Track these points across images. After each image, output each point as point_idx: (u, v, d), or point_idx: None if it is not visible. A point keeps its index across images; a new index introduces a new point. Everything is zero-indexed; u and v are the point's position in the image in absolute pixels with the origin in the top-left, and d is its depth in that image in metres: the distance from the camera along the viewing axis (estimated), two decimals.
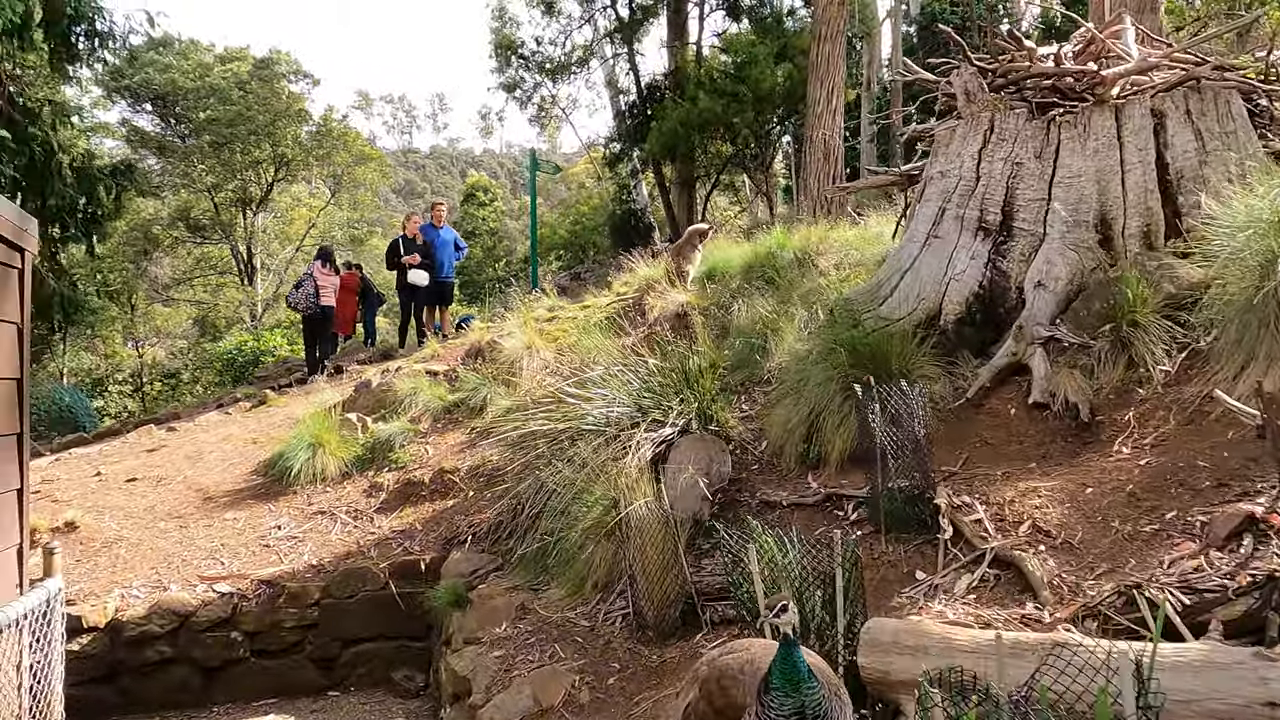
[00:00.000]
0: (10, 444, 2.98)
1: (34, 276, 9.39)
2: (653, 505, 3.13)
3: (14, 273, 3.01)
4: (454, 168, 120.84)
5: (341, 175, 33.74)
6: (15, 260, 3.00)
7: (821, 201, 12.54)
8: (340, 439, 6.45)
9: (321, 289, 10.11)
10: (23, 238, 3.04)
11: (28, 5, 9.98)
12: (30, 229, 3.11)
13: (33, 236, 3.13)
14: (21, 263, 3.05)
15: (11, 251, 2.97)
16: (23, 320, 3.04)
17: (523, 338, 7.21)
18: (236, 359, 21.67)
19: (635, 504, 3.19)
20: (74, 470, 7.06)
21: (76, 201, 11.97)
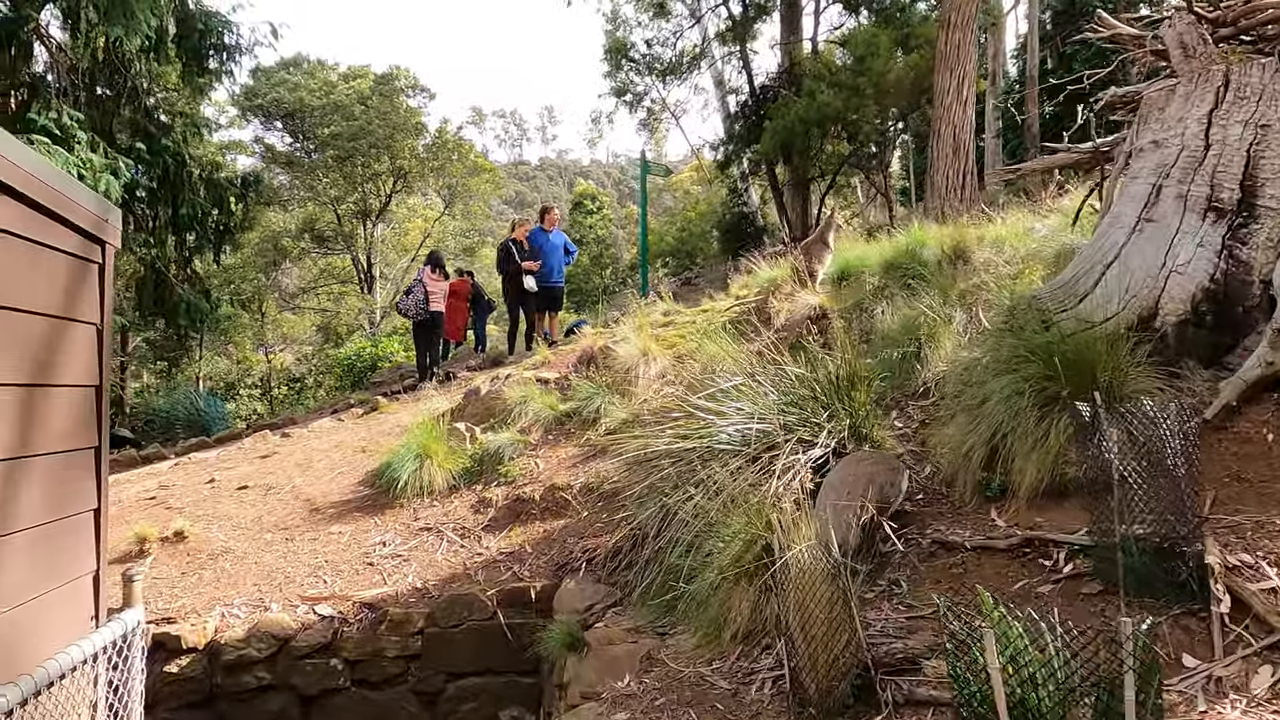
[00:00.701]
0: (87, 459, 2.65)
1: (163, 284, 9.65)
2: (816, 550, 2.51)
3: (93, 268, 2.69)
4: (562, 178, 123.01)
5: (456, 186, 34.55)
6: (94, 254, 2.69)
7: (950, 199, 11.57)
8: (448, 450, 6.11)
9: (431, 295, 9.95)
10: (103, 230, 2.72)
11: (161, 21, 10.31)
12: (113, 220, 2.80)
13: (115, 229, 2.81)
14: (102, 257, 2.74)
15: (90, 245, 2.65)
16: (103, 321, 2.72)
17: (638, 344, 6.70)
18: (355, 364, 22.31)
19: (795, 548, 2.57)
20: (191, 476, 7.03)
21: (208, 211, 12.35)
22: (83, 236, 2.61)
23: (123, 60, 10.63)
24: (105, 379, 2.74)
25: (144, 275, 12.77)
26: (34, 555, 2.37)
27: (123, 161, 9.97)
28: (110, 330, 2.79)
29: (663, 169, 17.31)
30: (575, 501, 5.29)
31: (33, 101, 9.96)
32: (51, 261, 2.45)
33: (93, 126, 10.19)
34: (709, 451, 3.79)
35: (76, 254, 2.58)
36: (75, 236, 2.57)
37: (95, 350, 2.70)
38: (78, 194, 2.55)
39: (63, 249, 2.50)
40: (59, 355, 2.47)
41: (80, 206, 2.56)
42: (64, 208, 2.47)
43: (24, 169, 2.28)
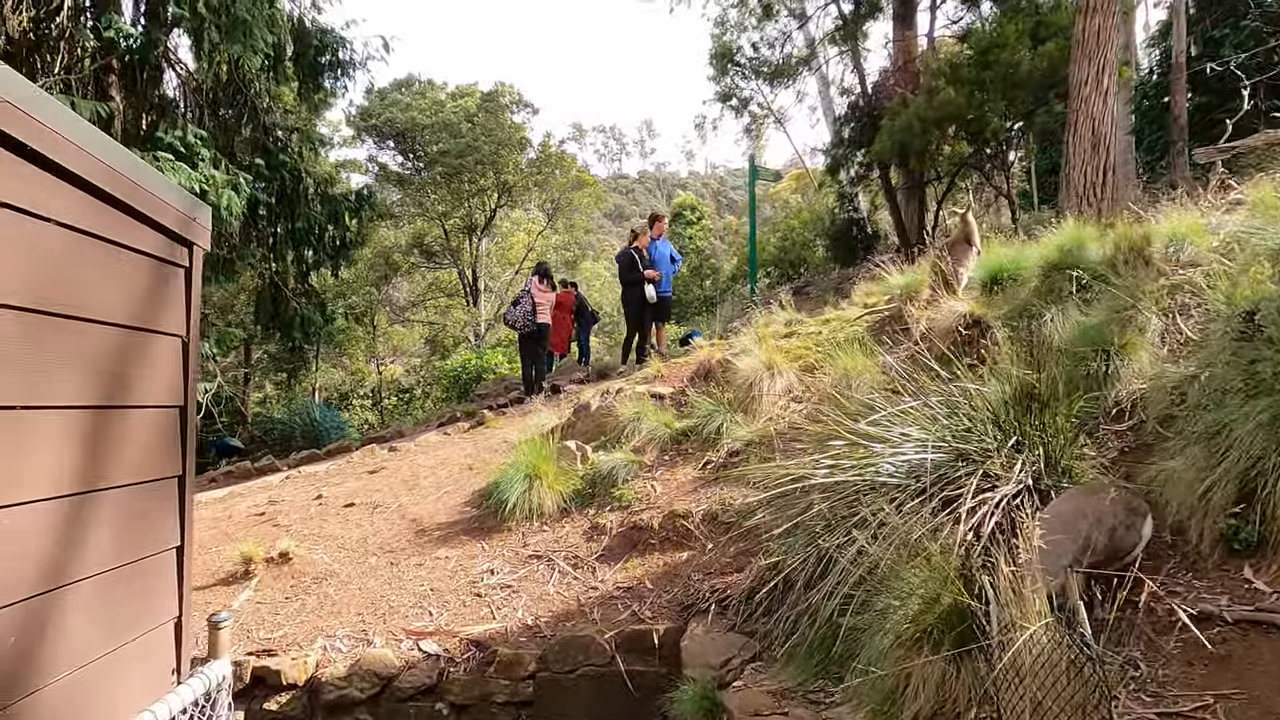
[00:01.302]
0: (168, 491, 2.32)
1: (280, 298, 9.74)
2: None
3: (179, 273, 2.37)
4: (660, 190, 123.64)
5: (558, 200, 34.91)
6: (180, 257, 2.37)
7: (1088, 197, 10.49)
8: (558, 470, 5.71)
9: (538, 306, 9.68)
10: (191, 229, 2.40)
11: (279, 39, 10.52)
12: (202, 219, 2.47)
13: (205, 229, 2.49)
14: (189, 260, 2.41)
15: (174, 246, 2.33)
16: (189, 333, 2.40)
17: (761, 356, 6.13)
18: (461, 376, 22.62)
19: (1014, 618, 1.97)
20: (300, 491, 6.91)
21: (323, 226, 12.56)
22: (166, 237, 2.29)
23: (243, 80, 10.90)
24: (191, 398, 2.41)
25: (262, 289, 13.11)
26: (105, 605, 2.04)
27: (242, 177, 10.17)
28: (197, 344, 2.46)
29: (771, 174, 16.66)
30: (698, 531, 4.76)
31: (160, 121, 10.30)
32: (129, 265, 2.12)
33: (215, 144, 10.47)
34: (868, 485, 3.19)
35: (159, 256, 2.26)
36: (157, 236, 2.24)
37: (180, 366, 2.37)
38: (160, 188, 2.23)
39: (143, 250, 2.17)
40: (137, 372, 2.15)
41: (164, 203, 2.23)
42: (144, 203, 2.14)
43: (96, 157, 1.95)
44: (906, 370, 4.52)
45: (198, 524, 6.14)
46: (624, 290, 10.33)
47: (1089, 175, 11.10)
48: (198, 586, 4.94)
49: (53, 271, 1.85)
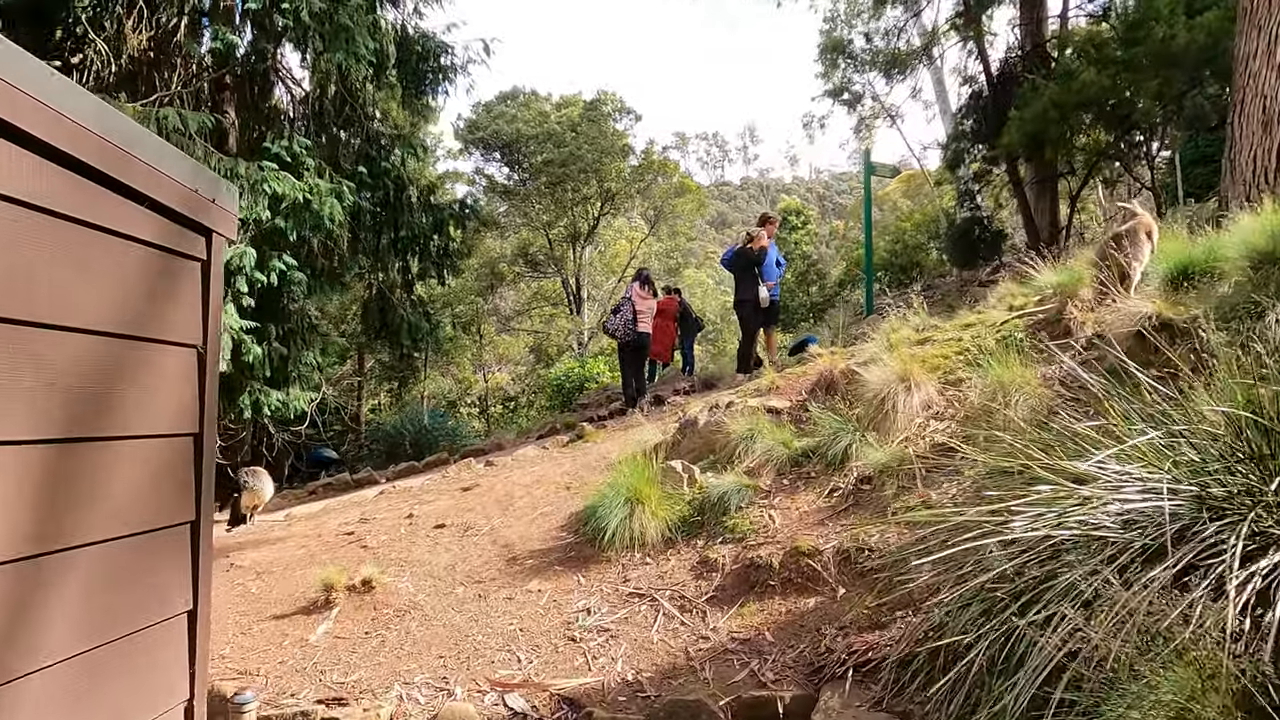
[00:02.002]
0: (175, 541, 1.84)
1: (387, 306, 9.57)
2: None
3: (191, 268, 1.89)
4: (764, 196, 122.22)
5: (661, 207, 34.60)
6: (193, 247, 1.89)
7: (1259, 183, 9.08)
8: (662, 494, 5.10)
9: (639, 314, 9.14)
10: (207, 213, 1.92)
11: (381, 46, 10.44)
12: (224, 201, 1.99)
13: (229, 213, 2.01)
14: (207, 252, 1.94)
15: (185, 234, 1.85)
16: (206, 342, 1.92)
17: (894, 366, 5.33)
18: (564, 385, 22.50)
19: None
20: (392, 508, 6.58)
21: (427, 235, 12.46)
22: (172, 221, 1.81)
23: (349, 89, 10.89)
24: (210, 423, 1.92)
25: (369, 298, 13.15)
26: (80, 697, 1.56)
27: (346, 185, 10.11)
28: (218, 354, 1.98)
29: (888, 169, 15.57)
30: (827, 574, 4.04)
31: (267, 132, 10.39)
32: (115, 255, 1.65)
33: (320, 153, 10.49)
34: (1074, 540, 2.41)
35: (161, 245, 1.78)
36: (157, 220, 1.77)
37: (195, 384, 1.89)
38: (158, 155, 1.75)
39: (136, 237, 1.70)
40: (129, 393, 1.67)
41: (163, 176, 1.76)
42: (136, 176, 1.67)
43: (64, 114, 1.48)
44: (1074, 382, 3.67)
45: (289, 541, 5.88)
46: (737, 293, 9.69)
47: (1260, 159, 9.65)
48: (278, 615, 4.61)
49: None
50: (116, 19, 9.66)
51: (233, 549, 5.90)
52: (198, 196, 1.87)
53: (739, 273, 9.73)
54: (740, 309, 9.78)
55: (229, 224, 1.99)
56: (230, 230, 2.00)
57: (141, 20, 9.92)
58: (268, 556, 5.58)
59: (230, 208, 2.01)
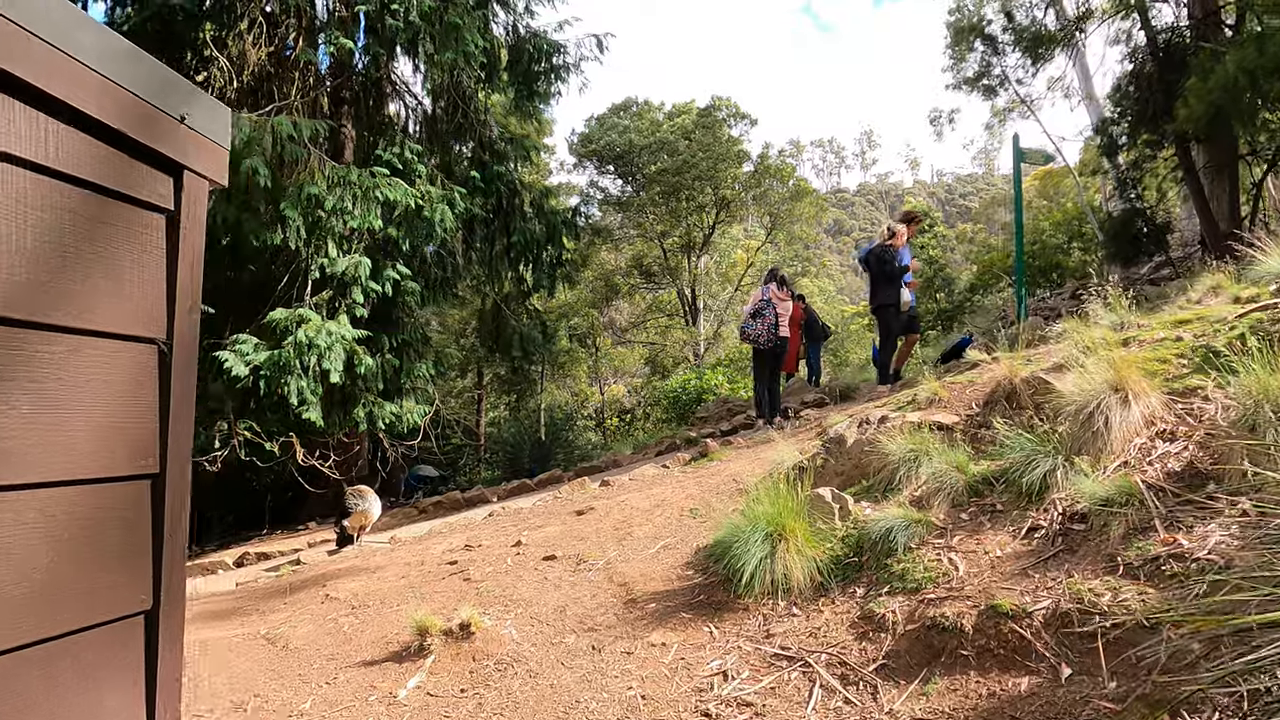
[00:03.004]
0: (127, 637, 1.19)
1: (499, 317, 9.14)
2: None
3: (149, 222, 1.24)
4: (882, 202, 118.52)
5: (777, 212, 33.58)
6: (155, 192, 1.24)
7: None
8: (809, 529, 4.23)
9: (781, 317, 8.28)
10: (175, 140, 1.26)
11: (492, 46, 10.11)
12: (202, 122, 1.34)
13: (210, 145, 1.36)
14: (176, 199, 1.29)
15: (141, 172, 1.21)
16: (172, 335, 1.27)
17: (1100, 373, 4.26)
18: (680, 397, 21.86)
19: None
20: (500, 533, 5.99)
21: (540, 243, 12.07)
22: (113, 147, 1.17)
23: (461, 94, 10.64)
24: (177, 459, 1.27)
25: (483, 309, 12.90)
26: None
27: (458, 191, 9.81)
28: (194, 352, 1.32)
29: (1040, 155, 13.99)
30: (1042, 645, 3.07)
31: (379, 139, 10.24)
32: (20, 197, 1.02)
33: (432, 160, 10.26)
34: None
35: (94, 185, 1.14)
36: (85, 144, 1.13)
37: (153, 396, 1.25)
38: (92, 45, 1.11)
39: (44, 166, 1.07)
40: (24, 413, 1.03)
41: (96, 74, 1.11)
42: (40, 68, 1.04)
43: None
44: None
45: (389, 570, 5.37)
46: (874, 296, 8.70)
47: None
48: (367, 661, 4.05)
49: None
50: (238, 36, 9.70)
51: (331, 577, 5.46)
52: (156, 113, 1.22)
53: (877, 274, 8.73)
54: (881, 314, 8.76)
55: (214, 160, 1.35)
56: (216, 169, 1.35)
57: (261, 35, 9.96)
58: (365, 587, 5.08)
59: (217, 135, 1.36)
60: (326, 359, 8.73)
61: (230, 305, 9.86)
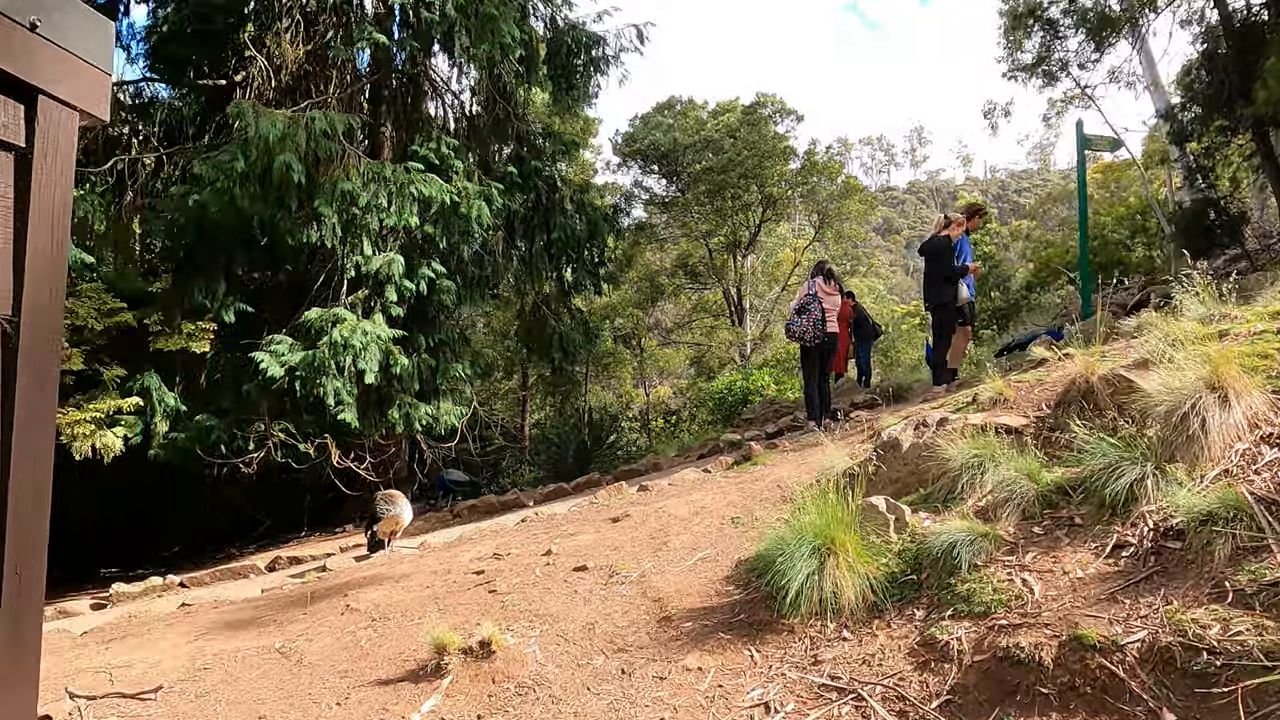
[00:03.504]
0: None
1: (538, 316, 8.89)
2: None
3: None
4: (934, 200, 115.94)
5: (825, 210, 32.88)
6: None
7: None
8: (862, 542, 3.84)
9: (828, 312, 7.86)
10: (26, 56, 0.97)
11: (529, 37, 9.87)
12: (65, 35, 1.03)
13: (77, 63, 1.06)
14: (27, 134, 0.99)
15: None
16: (19, 309, 0.96)
17: (1195, 370, 3.77)
18: (726, 398, 21.47)
19: None
20: (531, 541, 5.70)
21: (581, 240, 11.79)
22: None
23: (499, 88, 10.43)
24: (23, 474, 0.96)
25: (523, 308, 12.68)
26: None
27: (495, 187, 9.58)
28: (58, 334, 1.02)
29: (1106, 141, 13.23)
30: (1138, 684, 2.64)
31: (415, 135, 10.07)
32: None
33: (469, 156, 10.06)
34: None
35: None
36: None
37: None
38: None
39: None
40: None
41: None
42: None
43: None
44: None
45: (413, 579, 5.11)
46: (930, 293, 8.22)
47: None
48: (381, 680, 3.77)
49: None
50: (276, 36, 9.62)
51: (354, 586, 5.23)
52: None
53: (932, 270, 8.24)
54: (939, 312, 8.26)
55: (86, 85, 1.04)
56: (89, 96, 1.05)
57: (299, 34, 9.88)
58: (388, 597, 4.83)
59: (93, 53, 1.06)
60: (361, 359, 8.57)
61: (270, 305, 9.80)
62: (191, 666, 4.17)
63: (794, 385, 22.77)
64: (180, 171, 9.34)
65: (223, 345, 9.16)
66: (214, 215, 8.27)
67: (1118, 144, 13.81)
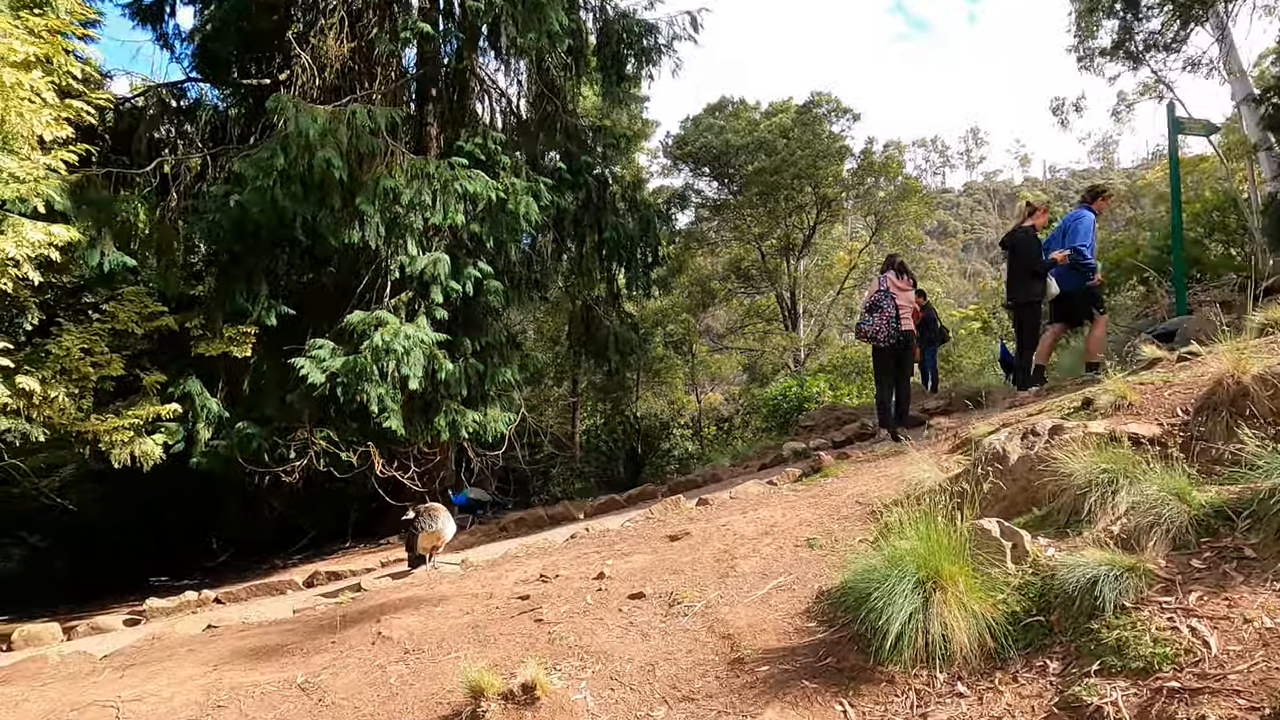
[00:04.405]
0: None
1: (590, 318, 8.39)
2: None
3: None
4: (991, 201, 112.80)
5: (881, 210, 31.89)
6: None
7: None
8: (972, 575, 3.21)
9: (901, 309, 7.20)
10: None
11: (578, 26, 9.42)
12: None
13: None
14: None
15: None
16: None
17: None
18: (781, 405, 20.76)
19: None
20: (581, 560, 5.18)
21: (634, 238, 11.28)
22: None
23: (547, 81, 10.00)
24: None
25: (574, 310, 12.23)
26: None
27: (544, 183, 9.13)
28: None
29: (1201, 125, 12.19)
30: None
31: (461, 131, 9.70)
32: None
33: (517, 150, 9.66)
34: None
35: None
36: None
37: None
38: None
39: None
40: None
41: None
42: None
43: None
44: None
45: (453, 603, 4.63)
46: (1017, 285, 7.49)
47: None
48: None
49: None
50: (320, 32, 9.34)
51: (389, 610, 4.77)
52: None
53: (1031, 257, 7.50)
54: (1023, 310, 7.52)
55: None
56: None
57: (343, 30, 9.60)
58: (423, 625, 4.35)
59: None
60: (405, 364, 8.19)
61: (313, 309, 9.51)
62: (205, 702, 3.74)
63: (852, 390, 21.91)
64: (226, 173, 9.13)
65: (265, 350, 8.88)
66: (255, 215, 7.99)
67: (1213, 128, 12.74)
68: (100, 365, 7.51)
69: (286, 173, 7.72)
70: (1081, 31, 17.92)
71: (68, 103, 6.18)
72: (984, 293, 64.68)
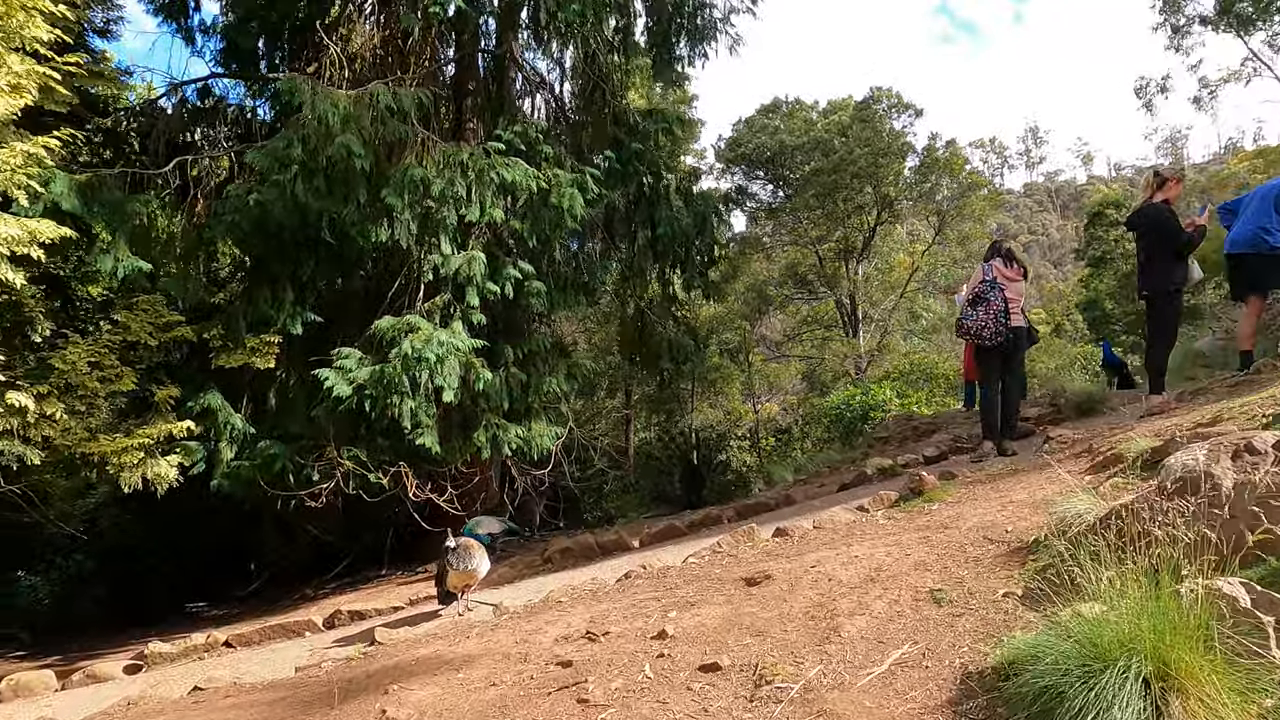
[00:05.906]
0: None
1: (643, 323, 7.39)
2: None
3: None
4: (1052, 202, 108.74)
5: (946, 211, 30.35)
6: None
7: None
8: (1224, 670, 2.15)
9: (1011, 302, 6.10)
10: None
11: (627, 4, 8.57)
12: None
13: None
14: None
15: None
16: None
17: None
18: (844, 415, 19.55)
19: None
20: (636, 610, 4.20)
21: (689, 234, 10.33)
22: None
23: (591, 63, 9.15)
24: None
25: (625, 315, 11.33)
26: None
27: (590, 173, 8.24)
28: None
29: None
30: None
31: (499, 118, 8.90)
32: None
33: (560, 138, 8.83)
34: None
35: None
36: None
37: None
38: None
39: None
40: None
41: None
42: None
43: None
44: None
45: (478, 665, 3.70)
46: (1152, 272, 6.30)
47: None
48: None
49: None
50: (348, 19, 8.64)
51: (401, 674, 3.87)
52: None
53: (1151, 246, 6.32)
54: (1160, 300, 6.31)
55: None
56: None
57: (375, 15, 8.91)
58: (439, 700, 3.43)
59: None
60: (438, 374, 7.37)
61: (342, 315, 8.79)
62: None
63: (920, 398, 20.52)
64: (249, 172, 8.46)
65: (291, 361, 8.17)
66: (276, 215, 7.29)
67: None
68: (109, 380, 6.86)
69: (306, 165, 7.00)
70: (1168, 8, 16.45)
71: (33, 67, 5.45)
72: (1048, 295, 61.73)
